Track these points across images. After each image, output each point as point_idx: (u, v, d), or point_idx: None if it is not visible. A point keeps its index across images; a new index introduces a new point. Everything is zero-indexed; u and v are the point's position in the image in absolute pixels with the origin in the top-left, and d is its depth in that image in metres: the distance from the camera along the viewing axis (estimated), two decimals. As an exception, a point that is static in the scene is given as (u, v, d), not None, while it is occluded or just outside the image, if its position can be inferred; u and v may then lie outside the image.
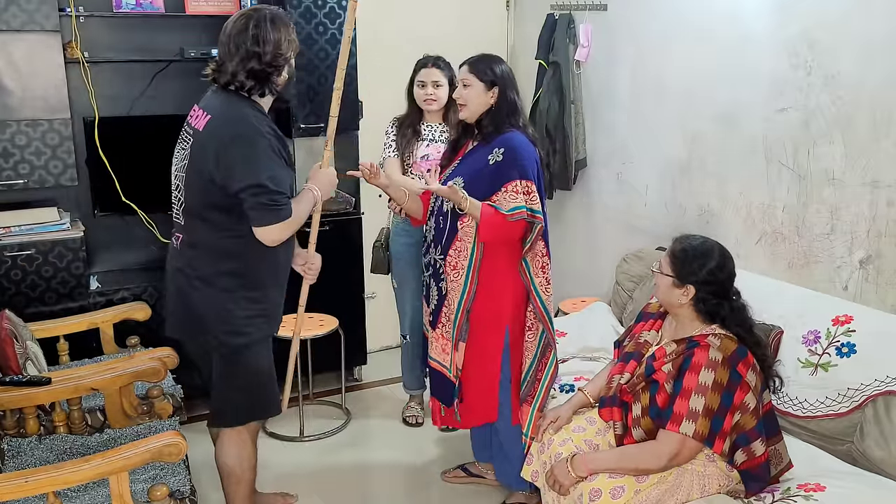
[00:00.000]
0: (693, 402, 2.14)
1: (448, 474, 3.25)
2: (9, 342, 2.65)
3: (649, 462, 2.18)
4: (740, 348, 2.21)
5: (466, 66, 2.74)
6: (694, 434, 2.13)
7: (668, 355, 2.27)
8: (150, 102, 3.69)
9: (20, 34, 3.19)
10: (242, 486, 2.64)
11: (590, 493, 2.20)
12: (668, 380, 2.23)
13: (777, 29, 3.00)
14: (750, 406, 2.18)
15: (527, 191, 2.61)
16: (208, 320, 2.42)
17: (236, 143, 2.28)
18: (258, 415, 2.66)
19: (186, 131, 2.43)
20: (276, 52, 2.34)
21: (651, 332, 2.43)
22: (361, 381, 4.19)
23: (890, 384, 2.47)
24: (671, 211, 3.58)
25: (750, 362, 2.20)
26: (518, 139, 2.68)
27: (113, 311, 3.27)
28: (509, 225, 2.60)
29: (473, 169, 2.71)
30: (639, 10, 3.63)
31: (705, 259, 2.27)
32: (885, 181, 2.68)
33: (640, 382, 2.31)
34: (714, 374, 2.15)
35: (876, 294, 2.75)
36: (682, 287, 2.26)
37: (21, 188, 3.33)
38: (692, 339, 2.25)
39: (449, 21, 4.34)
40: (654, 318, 2.47)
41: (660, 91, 3.57)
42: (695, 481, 2.23)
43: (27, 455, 2.52)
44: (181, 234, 2.45)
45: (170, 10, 3.60)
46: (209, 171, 2.31)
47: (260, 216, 2.30)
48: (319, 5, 3.62)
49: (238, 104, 2.36)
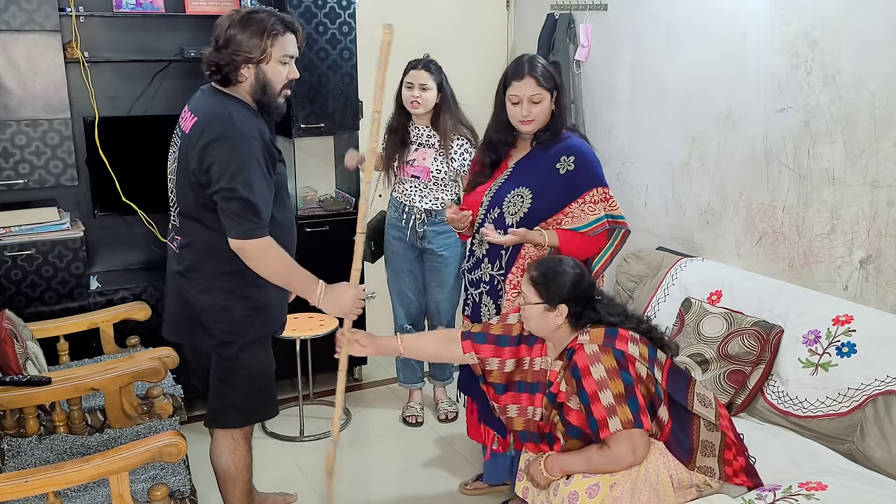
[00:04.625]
0: (604, 399, 2.15)
1: (468, 486, 3.15)
2: (9, 342, 2.65)
3: (614, 467, 2.19)
4: (609, 330, 2.23)
5: (533, 81, 2.55)
6: (623, 424, 2.14)
7: (559, 374, 2.29)
8: (150, 102, 3.70)
9: (20, 34, 3.19)
10: (238, 486, 2.63)
11: (569, 496, 2.21)
12: (569, 397, 2.24)
13: (777, 29, 3.00)
14: (642, 374, 2.20)
15: (605, 197, 2.58)
16: (207, 321, 2.40)
17: (217, 144, 2.22)
18: (255, 418, 2.65)
19: (176, 134, 2.41)
20: (232, 48, 2.27)
21: (542, 359, 2.39)
22: (361, 381, 4.19)
23: (890, 384, 2.47)
24: (671, 211, 3.58)
25: (625, 336, 2.23)
26: (581, 144, 2.60)
27: (113, 311, 3.27)
28: (590, 240, 2.58)
29: (540, 179, 2.60)
30: (639, 10, 3.63)
31: (564, 275, 2.28)
32: (885, 181, 2.68)
33: (551, 412, 2.32)
34: (602, 364, 2.17)
35: (876, 294, 2.75)
36: (554, 309, 2.27)
37: (21, 188, 3.33)
38: (568, 349, 2.28)
39: (449, 21, 4.34)
40: (538, 343, 2.40)
41: (660, 91, 3.57)
42: (660, 461, 2.22)
43: (27, 455, 2.52)
44: (178, 235, 2.43)
45: (170, 10, 3.60)
46: (193, 172, 2.27)
47: (229, 224, 2.25)
48: (319, 5, 3.62)
49: (224, 103, 2.31)
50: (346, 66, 3.73)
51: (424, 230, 3.49)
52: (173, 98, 3.69)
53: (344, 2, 3.65)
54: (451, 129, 3.41)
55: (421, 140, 3.47)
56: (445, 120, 3.41)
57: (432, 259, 3.55)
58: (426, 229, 3.49)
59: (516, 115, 2.61)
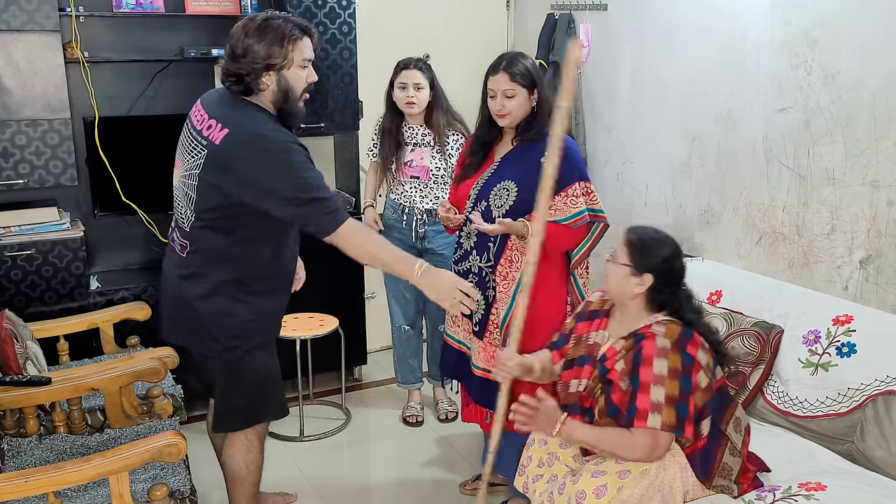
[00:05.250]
0: (654, 394, 2.12)
1: (467, 486, 3.16)
2: (9, 342, 2.65)
3: (624, 453, 2.16)
4: (685, 330, 2.20)
5: (506, 76, 2.62)
6: (662, 426, 2.11)
7: (619, 353, 2.26)
8: (150, 102, 3.70)
9: (20, 34, 3.19)
10: (247, 487, 2.63)
11: (576, 495, 2.19)
12: (622, 378, 2.22)
13: (777, 29, 3.00)
14: (702, 384, 2.18)
15: (586, 191, 2.61)
16: (210, 326, 2.40)
17: (265, 162, 2.23)
18: (262, 417, 2.64)
19: (197, 140, 2.32)
20: (250, 58, 2.27)
21: (598, 332, 2.39)
22: (361, 381, 4.19)
23: (890, 384, 2.47)
24: (671, 211, 3.58)
25: (698, 342, 2.19)
26: (566, 139, 2.56)
27: (113, 311, 3.27)
28: (572, 232, 2.61)
29: (525, 173, 2.62)
30: (639, 10, 3.63)
31: (662, 247, 2.25)
32: (885, 181, 2.68)
33: (597, 385, 2.29)
34: (667, 362, 2.14)
35: (876, 294, 2.75)
36: (640, 276, 2.24)
37: (21, 188, 3.33)
38: (638, 333, 2.24)
39: (449, 21, 4.34)
40: (599, 317, 2.42)
41: (660, 91, 3.57)
42: (677, 473, 2.22)
43: (27, 455, 2.52)
44: (186, 240, 2.39)
45: (170, 10, 3.60)
46: (230, 188, 2.25)
47: (313, 228, 2.30)
48: (319, 5, 3.62)
49: (252, 115, 2.31)
50: (346, 66, 3.73)
51: (425, 230, 3.49)
52: (173, 98, 3.69)
53: (344, 2, 3.65)
54: (444, 125, 3.41)
55: (416, 140, 3.46)
56: (439, 117, 3.41)
57: (432, 259, 3.54)
58: (427, 229, 3.49)
59: (492, 109, 2.69)
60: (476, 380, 2.84)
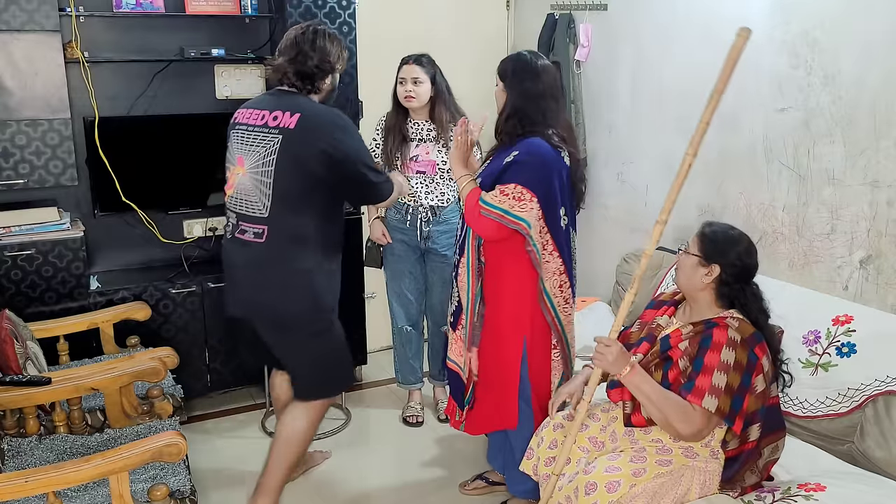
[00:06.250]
0: (716, 378, 2.13)
1: (467, 486, 3.16)
2: (9, 342, 2.65)
3: (677, 420, 2.15)
4: (757, 333, 2.22)
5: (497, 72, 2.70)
6: (717, 410, 2.12)
7: (685, 335, 2.27)
8: (150, 102, 3.69)
9: (20, 34, 3.19)
10: (301, 448, 2.83)
11: (586, 486, 2.19)
12: (683, 356, 2.22)
13: (777, 29, 3.00)
14: (758, 389, 2.19)
15: (518, 197, 2.48)
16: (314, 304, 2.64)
17: (346, 133, 2.60)
18: (342, 385, 3.00)
19: (262, 133, 2.59)
20: (324, 58, 2.64)
21: (664, 317, 2.42)
22: (361, 381, 4.19)
23: (890, 384, 2.47)
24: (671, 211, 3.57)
25: (765, 348, 2.21)
26: (532, 144, 2.55)
27: (113, 311, 3.27)
28: (479, 217, 2.52)
29: (491, 169, 2.63)
30: (639, 10, 3.63)
31: (734, 242, 2.28)
32: (885, 181, 2.68)
33: (654, 360, 2.30)
34: (735, 354, 2.15)
35: (876, 294, 2.75)
36: (708, 267, 2.26)
37: (21, 188, 3.33)
38: (710, 321, 2.25)
39: (449, 21, 4.34)
40: (667, 305, 2.46)
41: (660, 91, 3.57)
42: (695, 477, 2.23)
43: (27, 455, 2.52)
44: (265, 226, 2.58)
45: (170, 10, 3.60)
46: (313, 162, 2.52)
47: (382, 189, 2.74)
48: (319, 5, 3.62)
49: (314, 103, 2.65)
50: (346, 66, 3.72)
51: (430, 230, 3.49)
52: (173, 98, 3.69)
53: (344, 2, 3.65)
54: (448, 119, 3.42)
55: (421, 135, 3.47)
56: (442, 112, 3.42)
57: (435, 259, 3.55)
58: (431, 229, 3.49)
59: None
60: (449, 372, 2.87)
